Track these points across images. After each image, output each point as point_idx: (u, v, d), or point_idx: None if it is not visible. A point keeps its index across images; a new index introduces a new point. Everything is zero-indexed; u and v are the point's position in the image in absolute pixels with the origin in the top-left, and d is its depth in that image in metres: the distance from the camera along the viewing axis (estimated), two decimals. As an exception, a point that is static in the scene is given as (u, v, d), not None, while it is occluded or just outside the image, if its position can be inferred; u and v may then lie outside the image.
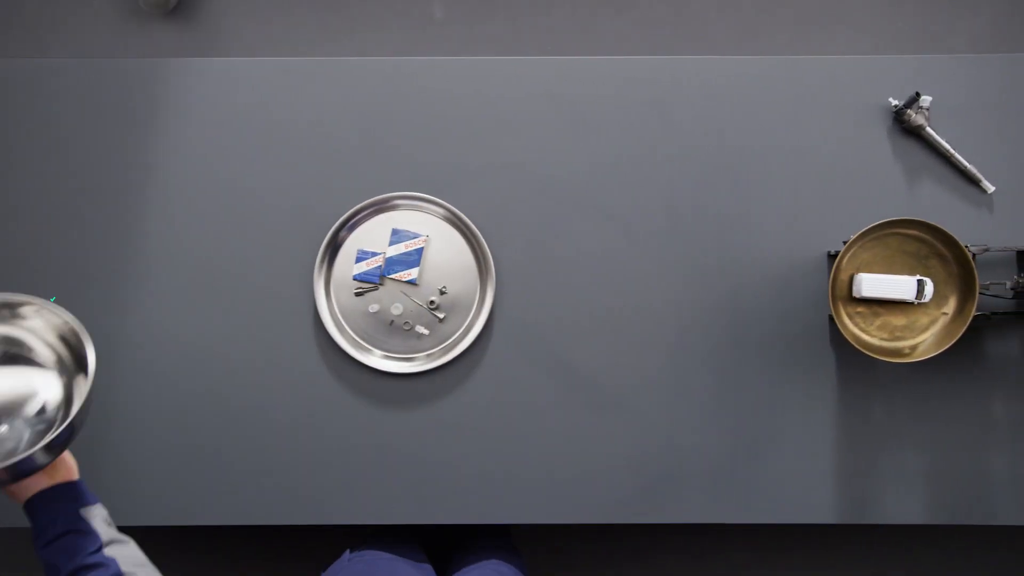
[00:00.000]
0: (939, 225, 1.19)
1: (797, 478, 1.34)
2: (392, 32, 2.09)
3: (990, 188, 1.34)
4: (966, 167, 1.34)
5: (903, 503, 1.33)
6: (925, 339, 1.22)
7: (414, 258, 1.32)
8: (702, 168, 1.37)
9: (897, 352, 1.21)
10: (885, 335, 1.23)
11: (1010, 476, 1.33)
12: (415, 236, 1.33)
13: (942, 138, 1.35)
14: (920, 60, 1.37)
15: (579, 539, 2.02)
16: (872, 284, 1.19)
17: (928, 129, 1.34)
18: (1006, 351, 1.34)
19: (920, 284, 1.19)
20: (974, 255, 1.26)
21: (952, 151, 1.34)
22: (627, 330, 1.35)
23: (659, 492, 1.34)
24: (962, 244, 1.18)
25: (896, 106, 1.34)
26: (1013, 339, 1.34)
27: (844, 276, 1.23)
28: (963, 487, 1.33)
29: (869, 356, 1.24)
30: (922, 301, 1.20)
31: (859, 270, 1.22)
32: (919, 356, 1.18)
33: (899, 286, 1.19)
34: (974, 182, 1.36)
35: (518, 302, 1.35)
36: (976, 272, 1.18)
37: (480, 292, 1.35)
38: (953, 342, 1.18)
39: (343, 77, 1.38)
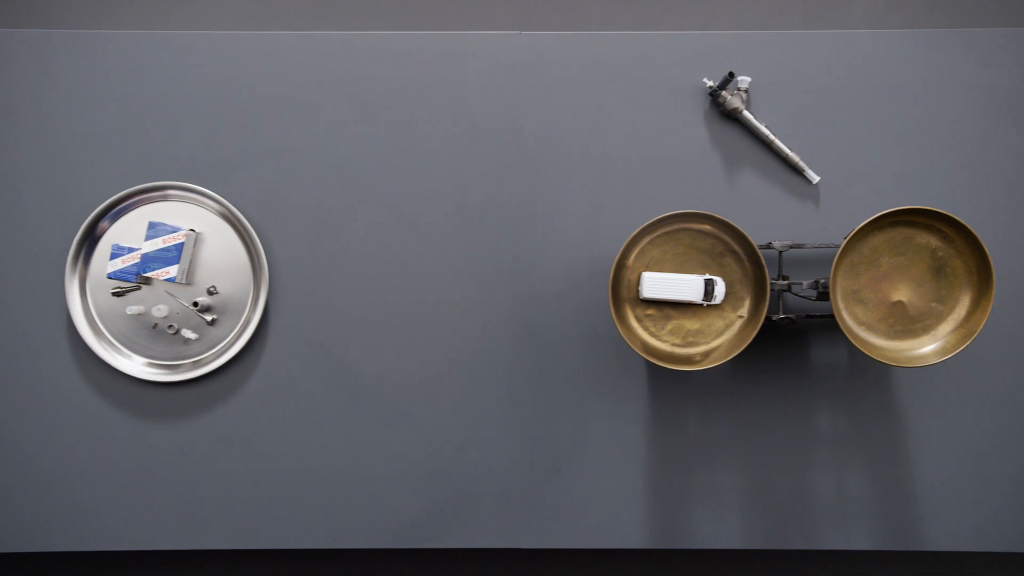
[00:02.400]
0: (727, 220, 1.06)
1: (603, 499, 1.22)
2: (230, 4, 1.95)
3: (815, 178, 1.22)
4: (787, 155, 1.22)
5: (720, 526, 1.22)
6: (719, 344, 1.10)
7: (173, 254, 1.20)
8: (497, 156, 1.24)
9: (688, 359, 1.09)
10: (677, 340, 1.11)
11: (836, 496, 1.21)
12: (174, 230, 1.21)
13: (762, 123, 1.23)
14: (739, 36, 1.24)
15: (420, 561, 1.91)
16: (655, 284, 1.07)
17: (745, 113, 1.21)
18: (833, 359, 1.22)
19: (709, 284, 1.07)
20: (780, 252, 1.14)
21: (772, 137, 1.21)
22: (415, 334, 1.23)
23: (450, 514, 1.23)
24: (752, 240, 1.06)
25: (711, 87, 1.21)
26: (840, 346, 1.22)
27: (632, 276, 1.10)
28: (784, 508, 1.22)
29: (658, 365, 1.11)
30: (712, 303, 1.08)
31: (648, 268, 1.10)
32: (710, 363, 1.06)
33: (685, 286, 1.07)
34: (798, 171, 1.23)
35: (296, 303, 1.23)
36: (767, 271, 1.06)
37: (254, 292, 1.23)
38: (743, 348, 1.06)
39: (111, 53, 1.25)
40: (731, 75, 1.19)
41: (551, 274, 1.23)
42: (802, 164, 1.22)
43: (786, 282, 1.09)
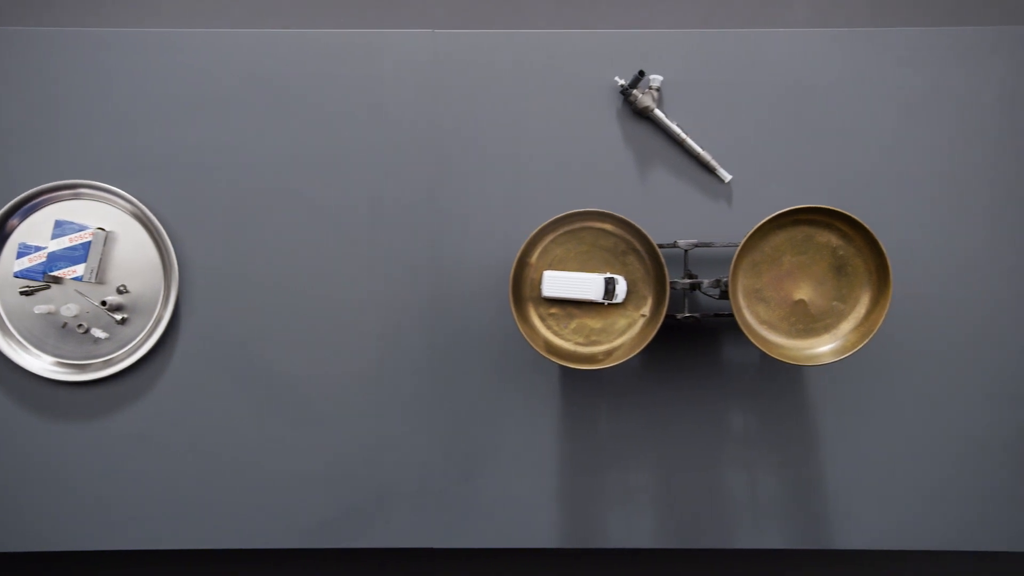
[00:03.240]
0: (627, 218, 1.06)
1: (516, 498, 1.22)
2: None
3: (727, 177, 1.22)
4: (699, 153, 1.22)
5: (632, 525, 1.21)
6: (622, 343, 1.10)
7: (80, 253, 1.19)
8: (412, 154, 1.24)
9: (591, 358, 1.09)
10: (580, 339, 1.11)
11: (747, 495, 1.21)
12: (81, 228, 1.20)
13: (673, 121, 1.23)
14: (653, 35, 1.24)
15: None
16: (555, 283, 1.07)
17: (657, 111, 1.22)
18: (744, 358, 1.22)
19: (610, 283, 1.07)
20: (686, 251, 1.14)
21: (683, 135, 1.22)
22: (329, 333, 1.22)
23: (363, 513, 1.22)
24: (651, 239, 1.06)
25: (622, 86, 1.21)
26: (752, 345, 1.21)
27: (536, 274, 1.10)
28: (696, 507, 1.21)
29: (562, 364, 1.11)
30: (613, 302, 1.08)
31: (552, 267, 1.10)
32: (612, 362, 1.06)
33: (585, 285, 1.07)
34: (710, 170, 1.23)
35: (209, 301, 1.23)
36: (666, 269, 1.06)
37: (164, 291, 1.22)
38: (644, 346, 1.06)
39: (22, 49, 1.24)
40: (641, 73, 1.19)
41: (465, 273, 1.23)
42: (714, 163, 1.22)
43: (689, 281, 1.09)
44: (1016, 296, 1.21)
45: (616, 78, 1.22)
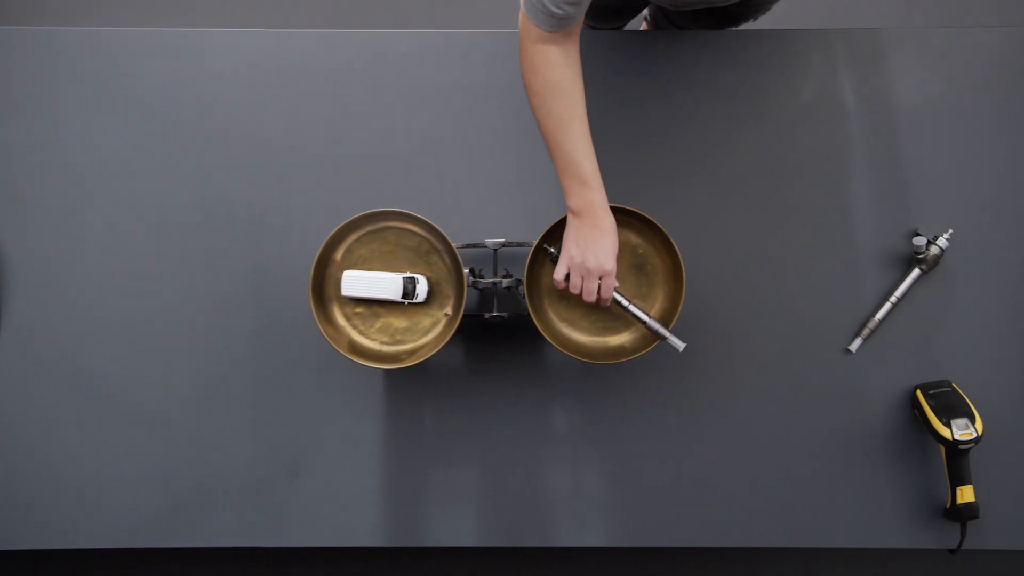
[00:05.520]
0: (424, 218, 1.07)
1: (340, 497, 1.22)
2: None
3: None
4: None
5: (456, 524, 1.22)
6: (426, 342, 1.10)
7: None
8: (238, 155, 1.24)
9: (394, 357, 1.10)
10: (385, 338, 1.11)
11: (570, 494, 1.22)
12: None
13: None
14: (472, 35, 1.25)
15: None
16: (353, 282, 1.07)
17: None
18: (568, 357, 1.23)
19: (409, 283, 1.07)
20: (495, 250, 1.15)
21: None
22: (151, 332, 1.22)
23: (187, 512, 1.22)
24: (448, 238, 1.07)
25: (445, 87, 1.22)
26: (574, 341, 1.23)
27: (339, 273, 1.10)
28: (520, 506, 1.22)
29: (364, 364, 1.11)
30: (414, 301, 1.09)
31: (356, 266, 1.10)
32: (414, 361, 1.07)
33: (383, 284, 1.07)
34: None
35: (31, 303, 1.22)
36: (463, 269, 1.07)
37: (-16, 292, 1.21)
38: (442, 346, 1.06)
39: None
40: (461, 75, 1.20)
41: (287, 271, 1.23)
42: None
43: (491, 280, 1.10)
44: (824, 295, 1.23)
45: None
